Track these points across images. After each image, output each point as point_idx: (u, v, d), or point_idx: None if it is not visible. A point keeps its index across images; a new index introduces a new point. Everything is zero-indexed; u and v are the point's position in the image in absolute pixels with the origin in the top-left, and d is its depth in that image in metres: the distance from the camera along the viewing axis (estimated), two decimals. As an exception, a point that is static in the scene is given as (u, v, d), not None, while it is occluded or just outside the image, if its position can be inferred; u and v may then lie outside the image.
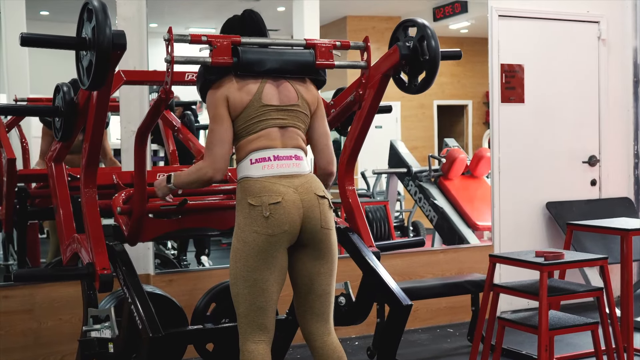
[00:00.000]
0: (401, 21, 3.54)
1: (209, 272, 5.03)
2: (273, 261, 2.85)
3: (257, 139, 2.93)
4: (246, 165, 2.93)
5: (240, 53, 2.98)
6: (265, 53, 3.02)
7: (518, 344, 4.80)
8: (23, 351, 4.36)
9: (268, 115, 2.95)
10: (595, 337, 3.77)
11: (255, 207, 2.83)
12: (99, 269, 3.15)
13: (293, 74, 3.05)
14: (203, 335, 3.69)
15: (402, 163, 7.48)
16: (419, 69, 3.44)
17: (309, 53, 3.13)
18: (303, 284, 2.99)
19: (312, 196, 2.92)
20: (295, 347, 4.77)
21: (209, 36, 2.98)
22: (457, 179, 7.19)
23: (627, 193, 6.33)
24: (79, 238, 3.42)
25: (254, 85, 2.97)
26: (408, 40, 3.45)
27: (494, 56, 5.77)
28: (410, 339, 5.18)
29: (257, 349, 2.87)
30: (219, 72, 2.98)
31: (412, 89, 3.53)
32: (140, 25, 4.67)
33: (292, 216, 2.85)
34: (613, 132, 6.27)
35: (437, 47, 3.33)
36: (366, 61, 3.33)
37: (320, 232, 2.94)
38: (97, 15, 2.66)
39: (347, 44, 3.29)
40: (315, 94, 3.11)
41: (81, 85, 2.92)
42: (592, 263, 4.10)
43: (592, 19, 6.16)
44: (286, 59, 3.05)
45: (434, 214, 7.02)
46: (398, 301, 3.45)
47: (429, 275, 5.49)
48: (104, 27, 2.64)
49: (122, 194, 3.60)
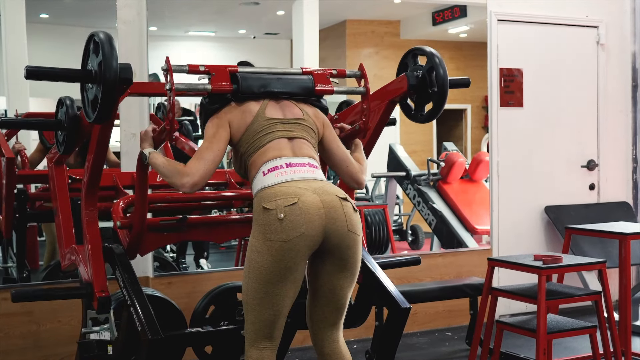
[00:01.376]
0: (411, 49, 3.49)
1: (207, 274, 5.03)
2: (286, 273, 2.72)
3: (267, 151, 2.88)
4: (259, 179, 2.86)
5: (239, 79, 2.99)
6: (264, 78, 3.03)
7: (516, 347, 4.81)
8: (22, 353, 4.36)
9: (274, 128, 2.93)
10: (593, 341, 3.77)
11: (270, 210, 2.71)
12: (97, 291, 3.15)
13: (295, 96, 3.06)
14: (202, 337, 3.69)
15: (401, 167, 7.50)
16: (427, 100, 3.41)
17: (308, 79, 3.14)
18: (323, 296, 2.90)
19: (333, 197, 2.79)
20: (294, 350, 4.78)
21: (206, 65, 2.99)
22: (456, 183, 7.21)
23: (625, 197, 6.34)
24: (77, 250, 3.42)
25: (256, 105, 2.97)
26: (417, 69, 3.41)
27: (493, 60, 5.78)
28: (408, 342, 5.19)
29: (262, 356, 2.83)
30: (221, 101, 2.98)
31: (419, 118, 3.50)
32: (140, 28, 4.67)
33: (310, 217, 2.70)
34: (612, 137, 6.28)
35: (446, 80, 3.29)
36: (364, 87, 3.31)
37: (347, 236, 2.80)
38: (103, 48, 2.64)
39: (343, 72, 3.30)
40: (321, 117, 3.10)
41: (87, 117, 2.88)
42: (590, 267, 4.10)
43: (591, 24, 6.17)
44: (286, 82, 3.06)
45: (432, 218, 7.03)
46: (397, 304, 3.46)
47: (428, 278, 5.50)
48: (110, 61, 2.62)
49: (121, 203, 3.59)
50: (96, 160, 3.15)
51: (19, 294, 3.29)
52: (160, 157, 2.97)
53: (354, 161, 3.12)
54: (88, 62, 2.80)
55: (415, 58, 3.46)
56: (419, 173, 7.34)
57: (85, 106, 2.87)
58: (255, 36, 9.14)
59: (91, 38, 2.77)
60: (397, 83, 3.44)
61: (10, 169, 4.50)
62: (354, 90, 3.35)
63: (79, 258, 3.38)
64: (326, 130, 3.09)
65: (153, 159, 2.97)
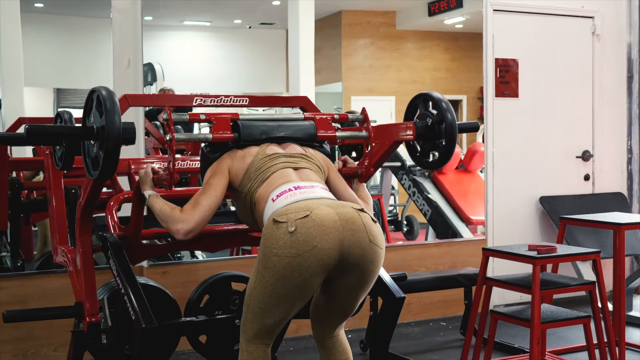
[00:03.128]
0: (421, 93, 3.42)
1: (202, 264, 5.03)
2: (294, 291, 2.58)
3: (272, 182, 2.81)
4: (269, 206, 2.74)
5: (240, 127, 2.97)
6: (265, 125, 3.02)
7: (510, 337, 4.82)
8: (16, 343, 4.36)
9: (277, 160, 2.89)
10: (587, 331, 3.78)
11: (281, 224, 2.55)
12: (87, 315, 3.18)
13: (297, 140, 3.04)
14: (196, 327, 3.70)
15: (396, 157, 7.48)
16: (433, 147, 3.39)
17: (310, 125, 3.12)
18: (336, 305, 2.83)
19: (349, 209, 2.64)
20: (288, 339, 4.78)
21: (207, 114, 2.98)
22: (451, 173, 7.20)
23: (620, 188, 6.35)
24: (68, 254, 3.44)
25: (256, 148, 2.95)
26: (426, 115, 3.36)
27: (489, 51, 5.77)
28: (403, 332, 5.19)
29: (258, 349, 2.80)
30: (222, 149, 2.97)
31: (424, 163, 3.49)
32: (135, 18, 4.66)
33: (324, 229, 2.53)
34: (607, 128, 6.29)
35: (455, 133, 3.26)
36: (367, 130, 3.30)
37: (370, 248, 2.61)
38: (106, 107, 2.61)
39: (345, 117, 3.29)
40: (325, 160, 3.07)
41: (89, 175, 2.85)
42: (584, 257, 4.10)
43: (586, 14, 6.17)
44: (288, 128, 3.05)
45: (427, 208, 7.03)
46: (391, 294, 3.46)
47: (422, 268, 5.50)
48: (113, 121, 2.60)
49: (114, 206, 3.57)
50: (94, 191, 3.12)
51: (10, 315, 3.31)
52: (159, 201, 2.95)
53: (361, 202, 3.08)
54: (91, 116, 2.76)
55: (425, 103, 3.40)
56: (414, 163, 7.32)
57: (86, 159, 2.84)
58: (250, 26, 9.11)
59: (93, 93, 2.73)
60: (405, 128, 3.38)
61: (2, 155, 4.47)
62: (356, 135, 3.34)
63: (69, 261, 3.39)
64: (331, 173, 3.06)
65: (152, 202, 2.97)
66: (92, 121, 2.74)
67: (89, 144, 2.79)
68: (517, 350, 4.59)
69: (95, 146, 2.73)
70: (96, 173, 2.74)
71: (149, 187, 3.06)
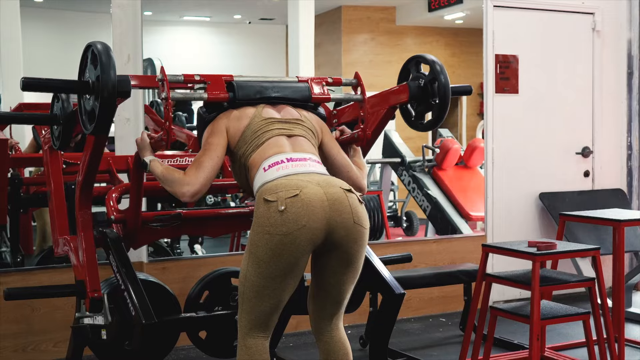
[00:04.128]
0: (414, 56, 3.46)
1: (202, 260, 5.04)
2: (286, 268, 2.65)
3: (266, 149, 2.85)
4: (260, 175, 2.80)
5: (235, 87, 2.98)
6: (260, 85, 3.02)
7: (510, 333, 4.82)
8: (16, 338, 4.36)
9: (272, 126, 2.90)
10: (586, 327, 3.78)
11: (271, 202, 2.63)
12: (89, 291, 3.16)
13: (292, 101, 3.04)
14: (196, 322, 3.70)
15: (396, 153, 7.49)
16: (427, 109, 3.41)
17: (304, 87, 3.12)
18: (325, 290, 2.86)
19: (337, 189, 2.71)
20: (288, 335, 4.79)
21: (201, 75, 2.98)
22: (451, 170, 7.21)
23: (619, 184, 6.35)
24: (70, 242, 3.43)
25: (252, 109, 2.96)
26: (419, 77, 3.39)
27: (489, 46, 5.77)
28: (402, 328, 5.20)
29: (256, 344, 2.80)
30: (218, 110, 2.97)
31: (419, 126, 3.50)
32: (135, 12, 4.65)
33: (313, 209, 2.62)
34: (606, 124, 6.28)
35: (448, 92, 3.29)
36: (361, 94, 3.29)
37: (353, 228, 2.71)
38: (101, 60, 2.62)
39: (339, 81, 3.28)
40: (319, 123, 3.08)
41: (84, 129, 2.86)
42: (584, 253, 4.11)
43: (586, 10, 6.16)
44: (283, 87, 3.04)
45: (427, 204, 7.03)
46: (391, 290, 3.47)
47: (422, 264, 5.50)
48: (108, 73, 2.61)
49: (114, 194, 3.57)
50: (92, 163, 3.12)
51: (11, 292, 3.30)
52: (160, 165, 2.95)
53: (354, 167, 3.10)
54: (85, 72, 2.77)
55: (417, 65, 3.43)
56: (414, 159, 7.34)
57: (82, 115, 2.85)
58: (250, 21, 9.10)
59: (89, 48, 2.74)
60: (398, 92, 3.40)
61: (3, 152, 4.47)
62: (350, 97, 3.33)
63: (72, 249, 3.38)
64: (325, 137, 3.07)
65: (154, 167, 2.95)
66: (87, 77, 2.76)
67: (85, 100, 2.81)
68: (516, 346, 4.60)
69: (91, 100, 2.74)
70: (92, 127, 2.74)
71: (149, 152, 3.03)
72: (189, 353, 4.54)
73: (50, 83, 2.81)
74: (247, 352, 2.79)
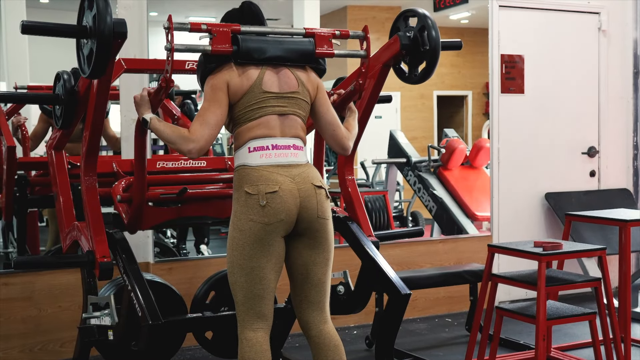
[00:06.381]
0: (402, 11, 3.56)
1: (208, 260, 5.04)
2: (269, 249, 2.84)
3: (256, 127, 2.91)
4: (244, 153, 2.91)
5: (240, 41, 2.96)
6: (265, 41, 3.01)
7: (516, 333, 4.82)
8: (23, 338, 4.37)
9: (267, 103, 2.93)
10: (592, 328, 3.78)
11: (252, 195, 2.83)
12: (99, 256, 3.18)
13: (293, 62, 3.04)
14: (202, 323, 3.71)
15: (401, 153, 7.49)
16: (420, 59, 3.46)
17: (308, 42, 3.12)
18: (299, 273, 2.99)
19: (309, 186, 2.92)
20: (294, 335, 4.79)
21: (208, 24, 2.97)
22: (457, 170, 7.20)
23: (626, 184, 6.34)
24: (79, 226, 3.43)
25: (255, 72, 2.95)
26: (409, 30, 3.48)
27: (494, 47, 5.76)
28: (408, 328, 5.20)
29: (256, 336, 2.87)
30: (219, 60, 2.95)
31: (412, 79, 3.55)
32: (141, 13, 4.66)
33: (288, 205, 2.85)
34: (612, 124, 6.27)
35: (438, 38, 3.36)
36: (365, 50, 3.31)
37: (316, 221, 2.94)
38: (98, 3, 2.66)
39: (347, 33, 3.28)
40: (315, 81, 3.09)
41: (82, 73, 2.92)
42: (590, 253, 4.10)
43: (592, 10, 6.15)
44: (286, 47, 3.04)
45: (433, 204, 7.03)
46: (397, 290, 3.47)
47: (428, 265, 5.50)
48: (104, 15, 2.65)
49: (122, 182, 3.62)
50: (94, 126, 3.15)
51: (20, 262, 3.30)
52: (161, 122, 2.96)
53: (342, 126, 3.14)
54: (83, 18, 2.81)
55: (406, 20, 3.53)
56: (419, 159, 7.34)
57: (81, 63, 2.90)
58: (255, 22, 9.11)
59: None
60: (389, 44, 3.50)
61: (11, 157, 4.50)
62: (354, 53, 3.34)
63: (80, 232, 3.39)
64: (319, 93, 3.09)
65: (155, 124, 2.95)
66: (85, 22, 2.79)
67: (83, 45, 2.85)
68: (522, 346, 4.59)
69: (89, 44, 2.78)
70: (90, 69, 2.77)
71: (148, 110, 3.05)
72: (196, 353, 4.55)
73: (48, 26, 2.83)
74: (247, 344, 2.85)
